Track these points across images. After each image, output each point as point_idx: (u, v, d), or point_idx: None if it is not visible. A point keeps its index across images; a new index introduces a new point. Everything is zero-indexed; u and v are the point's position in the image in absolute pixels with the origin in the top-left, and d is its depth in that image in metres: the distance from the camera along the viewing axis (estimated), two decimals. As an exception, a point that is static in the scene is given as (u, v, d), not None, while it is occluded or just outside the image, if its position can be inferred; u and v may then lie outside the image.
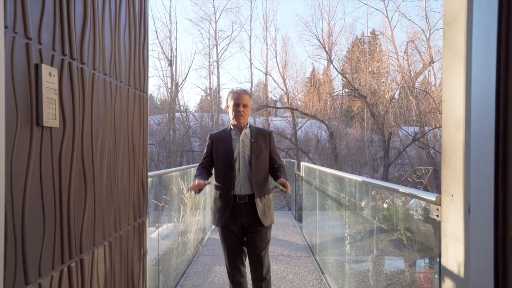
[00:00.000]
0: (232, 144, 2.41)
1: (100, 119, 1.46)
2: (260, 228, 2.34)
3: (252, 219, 2.34)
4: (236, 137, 2.42)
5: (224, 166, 2.40)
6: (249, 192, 2.35)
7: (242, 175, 2.36)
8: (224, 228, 2.39)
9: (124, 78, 1.73)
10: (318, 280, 3.22)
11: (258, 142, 2.41)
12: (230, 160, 2.38)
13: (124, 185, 1.74)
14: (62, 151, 1.16)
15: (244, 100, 2.40)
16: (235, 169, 2.36)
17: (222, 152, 2.41)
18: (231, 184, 2.34)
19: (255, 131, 2.46)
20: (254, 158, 2.36)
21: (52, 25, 1.11)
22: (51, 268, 1.12)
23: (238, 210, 2.34)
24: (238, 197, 2.34)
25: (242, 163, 2.38)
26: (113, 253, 1.62)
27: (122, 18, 1.70)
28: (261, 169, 2.40)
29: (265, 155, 2.43)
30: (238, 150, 2.39)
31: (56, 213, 1.14)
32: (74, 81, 1.24)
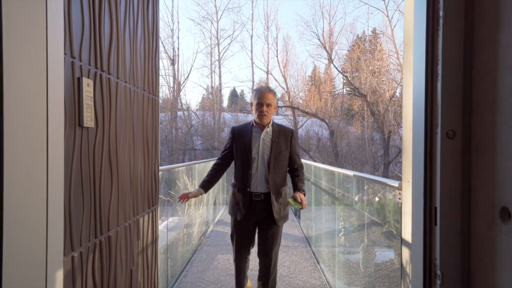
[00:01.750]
0: (252, 142, 2.38)
1: (122, 120, 1.73)
2: (273, 226, 2.36)
3: (266, 216, 2.35)
4: (257, 135, 2.38)
5: (242, 163, 2.38)
6: (264, 190, 2.34)
7: (259, 174, 2.35)
8: (236, 221, 2.42)
9: (140, 84, 1.99)
10: (312, 266, 3.50)
11: (279, 142, 2.37)
12: (248, 158, 2.36)
13: (140, 176, 2.01)
14: (95, 147, 1.44)
15: (268, 100, 2.36)
16: (252, 168, 2.35)
17: (241, 148, 2.39)
18: (248, 182, 2.34)
19: (277, 130, 2.40)
20: (273, 159, 2.34)
21: (88, 45, 1.38)
22: (87, 240, 1.39)
23: (253, 207, 2.35)
24: (254, 194, 2.34)
25: (261, 162, 2.35)
26: (132, 234, 1.90)
27: (138, 32, 1.97)
28: (280, 170, 2.37)
29: (285, 155, 2.38)
30: (257, 149, 2.37)
31: (90, 196, 1.41)
32: (103, 89, 1.50)
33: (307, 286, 2.98)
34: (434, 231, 0.95)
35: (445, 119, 0.92)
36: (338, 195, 3.77)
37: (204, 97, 28.83)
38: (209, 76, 26.76)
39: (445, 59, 0.92)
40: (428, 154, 0.97)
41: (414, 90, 1.05)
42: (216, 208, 6.40)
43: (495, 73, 0.81)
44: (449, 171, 0.92)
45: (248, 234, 2.43)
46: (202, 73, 30.34)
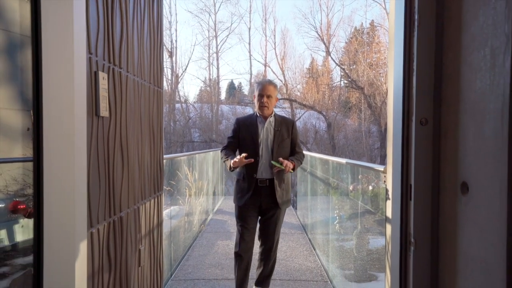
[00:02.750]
0: (257, 131, 2.52)
1: (131, 111, 1.87)
2: (277, 210, 2.49)
3: (270, 202, 2.47)
4: (261, 124, 2.53)
5: (249, 151, 2.48)
6: (269, 176, 2.47)
7: (264, 160, 2.48)
8: (242, 208, 2.50)
9: (146, 77, 2.13)
10: (308, 251, 3.67)
11: (281, 131, 2.51)
12: (255, 145, 2.49)
13: (147, 163, 2.16)
14: (109, 134, 1.58)
15: (268, 91, 2.49)
16: (258, 155, 2.48)
17: (248, 137, 2.52)
18: (255, 169, 2.46)
19: (279, 120, 2.56)
20: (276, 146, 2.48)
21: (102, 41, 1.51)
22: (103, 219, 1.54)
23: (259, 192, 2.46)
24: (260, 180, 2.46)
25: (265, 150, 2.49)
26: (140, 217, 2.05)
27: (145, 28, 2.10)
28: (282, 156, 2.48)
29: (287, 143, 2.54)
30: (262, 137, 2.51)
31: (106, 179, 1.55)
32: (116, 82, 1.64)
33: (303, 268, 3.15)
34: (409, 205, 1.11)
35: (419, 108, 1.07)
36: (333, 185, 3.93)
37: (202, 90, 28.86)
38: (207, 69, 26.76)
39: (419, 56, 1.06)
40: (405, 139, 1.12)
41: (394, 84, 1.20)
42: (215, 198, 6.56)
43: (459, 70, 0.95)
44: (422, 154, 1.07)
45: (252, 220, 2.51)
46: (200, 65, 30.27)
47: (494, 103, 0.80)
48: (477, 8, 0.87)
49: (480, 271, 0.86)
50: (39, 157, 0.96)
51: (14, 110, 2.99)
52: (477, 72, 0.87)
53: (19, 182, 2.62)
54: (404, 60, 1.11)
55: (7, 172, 2.26)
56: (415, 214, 1.07)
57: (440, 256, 1.05)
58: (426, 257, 1.06)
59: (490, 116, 0.81)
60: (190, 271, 3.07)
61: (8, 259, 2.66)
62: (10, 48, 2.47)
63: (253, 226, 2.51)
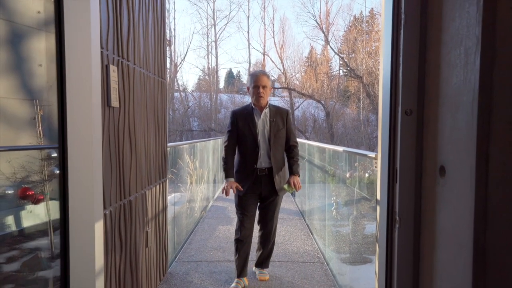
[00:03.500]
0: (255, 123, 2.59)
1: (138, 101, 1.97)
2: (275, 197, 2.62)
3: (269, 189, 2.58)
4: (257, 116, 2.60)
5: (248, 142, 2.57)
6: (268, 165, 2.57)
7: (262, 151, 2.57)
8: (243, 197, 2.58)
9: (151, 68, 2.23)
10: (306, 236, 3.82)
11: (277, 121, 2.60)
12: (253, 137, 2.56)
13: (152, 151, 2.27)
14: (119, 124, 1.69)
15: (263, 82, 2.56)
16: (258, 146, 2.56)
17: (247, 129, 2.58)
18: (254, 159, 2.55)
19: (274, 110, 2.64)
20: (273, 136, 2.58)
21: (112, 36, 1.61)
22: (115, 202, 1.66)
23: (259, 181, 2.56)
24: (259, 169, 2.56)
25: (262, 140, 2.58)
26: (147, 201, 2.17)
27: (149, 21, 2.19)
28: (279, 146, 2.61)
29: (282, 133, 2.63)
30: (259, 128, 2.59)
31: (116, 165, 1.67)
32: (124, 74, 1.74)
33: (301, 251, 3.30)
34: (395, 187, 1.23)
35: (404, 100, 1.18)
36: (330, 172, 4.05)
37: (200, 78, 28.80)
38: (205, 57, 26.71)
39: (405, 52, 1.17)
40: (392, 128, 1.23)
41: (383, 77, 1.30)
42: (216, 186, 6.70)
43: (439, 66, 1.06)
44: (406, 141, 1.18)
45: (252, 207, 2.61)
46: (199, 54, 30.26)
47: (466, 96, 0.91)
48: (454, 12, 0.98)
49: (454, 243, 0.99)
50: (64, 145, 1.07)
51: (19, 100, 3.11)
52: (454, 69, 0.98)
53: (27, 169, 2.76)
54: (391, 56, 1.22)
55: (15, 160, 2.39)
56: (400, 195, 1.20)
57: (421, 232, 1.17)
58: (409, 233, 1.19)
59: (463, 108, 0.93)
60: (193, 254, 3.21)
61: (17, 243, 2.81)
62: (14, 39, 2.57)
63: (253, 214, 2.61)
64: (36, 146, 1.31)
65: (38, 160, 2.66)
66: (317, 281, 2.63)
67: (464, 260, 0.93)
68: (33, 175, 2.61)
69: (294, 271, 2.82)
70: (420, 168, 1.17)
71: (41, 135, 2.73)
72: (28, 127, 2.85)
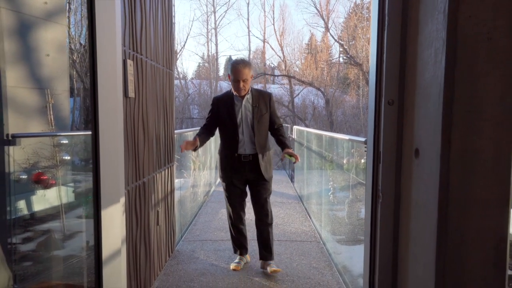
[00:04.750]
0: (235, 110, 2.54)
1: (149, 92, 2.15)
2: (263, 182, 2.57)
3: (255, 174, 2.55)
4: (239, 103, 2.55)
5: (227, 129, 2.56)
6: (252, 151, 2.54)
7: (246, 138, 2.53)
8: (229, 184, 2.61)
9: (160, 61, 2.40)
10: (304, 218, 4.05)
11: (259, 107, 2.55)
12: (233, 124, 2.52)
13: (162, 138, 2.46)
14: (134, 112, 1.87)
15: (244, 75, 2.47)
16: (238, 133, 2.52)
17: (226, 116, 2.55)
18: (235, 146, 2.52)
19: (256, 95, 2.58)
20: (256, 122, 2.53)
21: (129, 33, 1.77)
22: (132, 182, 1.85)
23: (243, 167, 2.54)
24: (243, 156, 2.53)
25: (245, 127, 2.54)
26: (157, 183, 2.37)
27: (159, 15, 2.35)
28: (263, 131, 2.57)
29: (266, 118, 2.58)
30: (241, 115, 2.54)
31: (133, 150, 1.86)
32: (138, 67, 1.92)
33: (298, 231, 3.52)
34: (379, 167, 1.42)
35: (387, 91, 1.36)
36: (328, 158, 4.24)
37: (200, 66, 28.75)
38: (205, 45, 26.64)
39: (388, 50, 1.34)
40: (377, 115, 1.42)
41: (370, 71, 1.48)
42: (217, 172, 6.92)
43: (416, 62, 1.24)
44: (389, 127, 1.37)
45: (241, 194, 2.65)
46: (199, 41, 30.13)
47: (434, 89, 1.10)
48: (427, 17, 1.15)
49: (423, 214, 1.18)
50: (96, 131, 1.25)
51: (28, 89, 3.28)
52: (426, 65, 1.16)
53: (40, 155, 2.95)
54: (377, 53, 1.39)
55: (28, 146, 2.57)
56: (383, 174, 1.39)
57: (400, 205, 1.37)
58: (390, 206, 1.39)
59: (432, 99, 1.11)
60: (198, 234, 3.43)
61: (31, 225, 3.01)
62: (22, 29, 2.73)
63: (241, 199, 2.64)
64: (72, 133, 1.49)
65: (50, 147, 2.84)
66: (313, 257, 2.85)
67: (431, 227, 1.12)
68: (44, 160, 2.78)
69: (292, 248, 3.04)
70: (400, 151, 1.36)
71: (52, 123, 2.90)
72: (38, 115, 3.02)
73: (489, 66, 1.04)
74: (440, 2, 1.10)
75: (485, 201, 1.07)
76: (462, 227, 1.08)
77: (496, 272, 1.08)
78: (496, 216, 1.07)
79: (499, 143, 1.05)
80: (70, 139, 2.84)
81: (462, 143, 1.06)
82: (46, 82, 3.13)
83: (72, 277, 2.43)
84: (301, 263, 2.71)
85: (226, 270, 2.59)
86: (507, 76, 1.03)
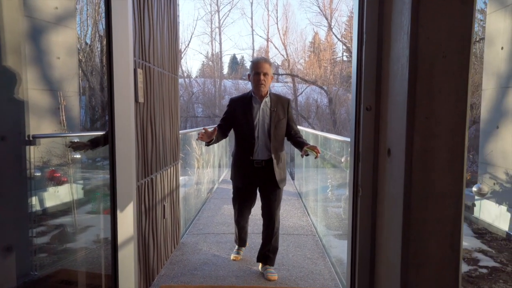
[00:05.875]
0: (253, 112, 2.46)
1: (157, 97, 2.35)
2: (276, 189, 2.50)
3: (268, 181, 2.47)
4: (257, 105, 2.47)
5: (243, 132, 2.47)
6: (266, 157, 2.45)
7: (260, 142, 2.45)
8: (240, 189, 2.56)
9: (166, 67, 2.60)
10: (302, 213, 4.24)
11: (277, 111, 2.48)
12: (250, 127, 2.44)
13: (168, 138, 2.66)
14: (144, 115, 2.07)
15: (265, 69, 2.42)
16: (254, 137, 2.44)
17: (243, 119, 2.47)
18: (250, 150, 2.43)
19: (274, 100, 2.51)
20: (273, 127, 2.45)
21: (139, 43, 1.97)
22: (142, 178, 2.06)
23: (255, 173, 2.47)
24: (256, 161, 2.45)
25: (261, 131, 2.45)
26: (163, 180, 2.57)
27: (165, 25, 2.55)
28: (279, 137, 2.49)
29: (283, 123, 2.51)
30: (258, 119, 2.46)
31: (142, 149, 2.06)
32: (147, 75, 2.12)
33: (296, 226, 3.72)
34: (359, 165, 1.61)
35: (365, 98, 1.55)
36: (326, 157, 4.42)
37: (204, 64, 28.96)
38: (209, 43, 26.84)
39: (366, 62, 1.53)
40: (357, 120, 1.61)
41: (352, 80, 1.67)
42: (220, 170, 7.12)
43: (388, 74, 1.42)
44: (367, 130, 1.56)
45: (250, 199, 2.60)
46: (203, 40, 30.38)
47: (401, 98, 1.29)
48: (397, 36, 1.34)
49: (393, 205, 1.38)
50: (112, 132, 1.45)
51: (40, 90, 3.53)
52: (395, 77, 1.35)
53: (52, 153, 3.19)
54: (357, 64, 1.58)
55: (43, 145, 2.79)
56: (362, 170, 1.58)
57: (377, 199, 1.56)
58: (368, 200, 1.58)
59: (399, 106, 1.30)
60: (202, 228, 3.64)
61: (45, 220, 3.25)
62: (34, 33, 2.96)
63: (250, 204, 2.60)
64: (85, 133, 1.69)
65: (62, 146, 3.06)
66: (308, 249, 3.04)
67: (398, 216, 1.32)
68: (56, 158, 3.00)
69: (289, 241, 3.23)
70: (377, 150, 1.56)
71: (64, 123, 3.12)
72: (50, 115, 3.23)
73: (444, 79, 1.23)
74: (404, 25, 1.29)
75: (442, 194, 1.26)
76: (423, 216, 1.27)
77: (453, 253, 1.28)
78: (452, 207, 1.26)
79: (453, 145, 1.24)
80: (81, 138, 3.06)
81: (422, 144, 1.25)
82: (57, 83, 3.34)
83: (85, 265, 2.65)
84: (297, 254, 2.91)
85: (227, 260, 2.79)
86: (459, 88, 1.23)
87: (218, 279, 2.42)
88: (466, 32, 1.21)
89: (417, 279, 1.30)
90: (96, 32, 2.50)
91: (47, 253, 2.86)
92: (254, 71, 2.45)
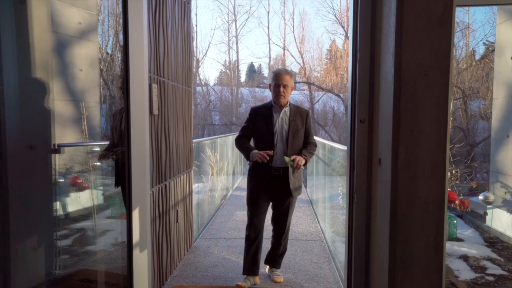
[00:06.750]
0: (272, 120, 2.54)
1: (170, 108, 2.53)
2: (290, 198, 2.57)
3: (283, 190, 2.53)
4: (276, 114, 2.56)
5: (263, 140, 2.53)
6: (283, 165, 2.52)
7: (279, 150, 2.52)
8: (255, 195, 2.56)
9: (180, 80, 2.78)
10: (311, 220, 4.34)
11: (296, 121, 2.56)
12: (270, 135, 2.52)
13: (181, 147, 2.83)
14: (158, 126, 2.24)
15: (285, 81, 2.51)
16: (273, 144, 2.51)
17: (263, 127, 2.54)
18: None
19: (294, 110, 2.60)
20: (291, 136, 2.53)
21: (154, 60, 2.15)
22: (156, 184, 2.22)
23: (272, 181, 2.52)
24: (274, 169, 2.51)
25: (280, 139, 2.53)
26: (177, 187, 2.73)
27: (179, 40, 2.73)
28: (296, 146, 2.55)
29: (301, 133, 2.58)
30: (277, 127, 2.54)
31: (157, 158, 2.23)
32: (161, 88, 2.30)
33: (305, 232, 3.82)
34: (354, 173, 1.73)
35: (359, 111, 1.67)
36: (337, 165, 4.51)
37: (221, 73, 29.37)
38: (226, 52, 27.26)
39: (360, 78, 1.65)
40: (353, 131, 1.73)
41: (348, 95, 1.80)
42: (235, 177, 7.28)
43: (380, 89, 1.55)
44: (361, 141, 1.67)
45: (263, 206, 2.60)
46: (220, 49, 30.87)
47: (388, 112, 1.41)
48: (384, 55, 1.47)
49: (383, 210, 1.49)
50: (129, 142, 1.62)
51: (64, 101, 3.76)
52: (385, 93, 1.47)
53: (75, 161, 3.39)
54: (352, 80, 1.71)
55: (67, 153, 2.99)
56: (357, 178, 1.70)
57: (371, 205, 1.67)
58: (362, 205, 1.69)
59: (387, 119, 1.42)
60: (214, 232, 3.79)
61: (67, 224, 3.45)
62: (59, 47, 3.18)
63: (263, 211, 2.59)
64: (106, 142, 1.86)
65: (84, 153, 3.27)
66: (315, 254, 3.14)
67: (386, 221, 1.43)
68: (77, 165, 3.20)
69: (296, 246, 3.34)
70: (370, 160, 1.67)
71: (86, 132, 3.34)
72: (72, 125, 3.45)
73: (426, 96, 1.35)
74: (390, 46, 1.42)
75: (425, 200, 1.37)
76: (408, 220, 1.38)
77: (436, 255, 1.38)
78: (435, 212, 1.37)
79: (436, 155, 1.35)
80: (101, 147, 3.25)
81: (407, 155, 1.37)
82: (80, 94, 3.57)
83: (104, 266, 2.82)
84: (303, 259, 3.01)
85: (236, 262, 2.92)
86: (440, 103, 1.34)
87: (227, 280, 2.56)
88: (445, 51, 1.33)
89: (403, 280, 1.41)
90: (117, 42, 2.69)
91: (69, 254, 3.06)
92: (275, 82, 2.55)
